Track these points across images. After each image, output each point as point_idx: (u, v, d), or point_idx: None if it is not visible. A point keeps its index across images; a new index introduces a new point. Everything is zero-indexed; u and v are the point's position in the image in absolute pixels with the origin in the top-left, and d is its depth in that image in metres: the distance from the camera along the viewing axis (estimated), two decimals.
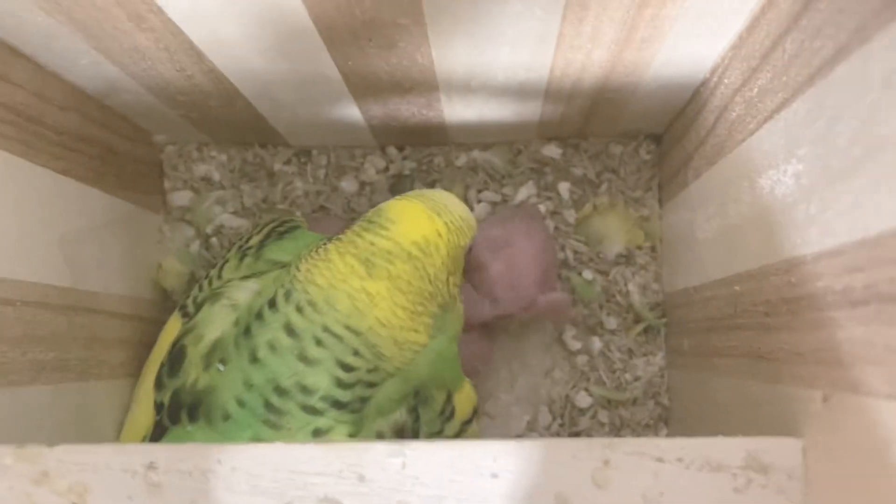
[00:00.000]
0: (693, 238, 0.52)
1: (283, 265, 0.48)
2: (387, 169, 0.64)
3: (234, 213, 0.63)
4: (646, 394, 0.61)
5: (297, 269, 0.45)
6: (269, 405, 0.42)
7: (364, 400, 0.43)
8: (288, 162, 0.64)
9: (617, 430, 0.61)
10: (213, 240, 0.63)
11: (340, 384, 0.42)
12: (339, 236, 0.45)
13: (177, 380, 0.45)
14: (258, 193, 0.63)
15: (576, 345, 0.62)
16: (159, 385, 0.46)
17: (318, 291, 0.43)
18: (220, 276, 0.49)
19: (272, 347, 0.42)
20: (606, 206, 0.62)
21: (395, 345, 0.43)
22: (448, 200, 0.47)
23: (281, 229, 0.52)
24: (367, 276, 0.42)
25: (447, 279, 0.45)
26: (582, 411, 0.61)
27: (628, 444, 0.32)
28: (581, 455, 0.32)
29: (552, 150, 0.63)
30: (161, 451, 0.33)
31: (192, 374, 0.44)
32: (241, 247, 0.52)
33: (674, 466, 0.32)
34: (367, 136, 0.61)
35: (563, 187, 0.63)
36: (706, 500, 0.31)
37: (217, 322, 0.45)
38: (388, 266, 0.43)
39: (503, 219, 0.60)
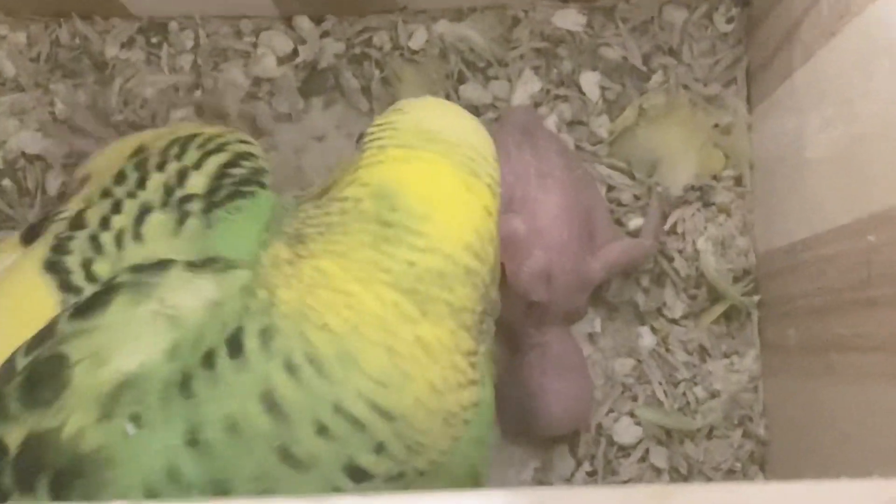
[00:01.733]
0: (801, 160, 0.53)
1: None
2: (295, 54, 0.63)
3: (41, 130, 0.63)
4: (728, 419, 0.61)
5: (276, 289, 0.42)
6: None
7: None
8: (129, 44, 0.64)
9: (683, 479, 0.61)
10: (6, 182, 0.62)
11: None
12: (311, 219, 0.43)
13: (39, 415, 0.42)
14: (81, 97, 0.63)
15: (615, 342, 0.62)
16: (2, 411, 0.42)
17: (331, 342, 0.41)
18: (138, 237, 0.46)
19: (233, 429, 0.40)
20: (662, 110, 0.62)
21: (444, 423, 0.43)
22: (468, 131, 0.46)
23: (241, 172, 0.48)
24: (422, 318, 0.42)
25: (493, 274, 0.45)
26: (625, 450, 0.62)
27: (694, 491, 0.31)
28: None
29: (570, 20, 0.63)
30: None
31: (75, 418, 0.41)
32: (171, 189, 0.47)
33: None
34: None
35: (589, 80, 0.62)
36: None
37: (138, 340, 0.42)
38: (448, 296, 0.42)
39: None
